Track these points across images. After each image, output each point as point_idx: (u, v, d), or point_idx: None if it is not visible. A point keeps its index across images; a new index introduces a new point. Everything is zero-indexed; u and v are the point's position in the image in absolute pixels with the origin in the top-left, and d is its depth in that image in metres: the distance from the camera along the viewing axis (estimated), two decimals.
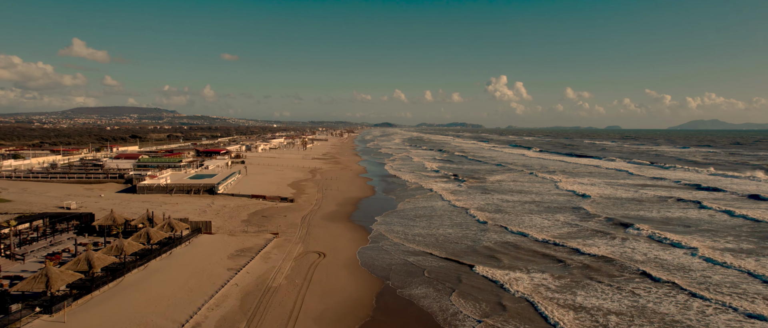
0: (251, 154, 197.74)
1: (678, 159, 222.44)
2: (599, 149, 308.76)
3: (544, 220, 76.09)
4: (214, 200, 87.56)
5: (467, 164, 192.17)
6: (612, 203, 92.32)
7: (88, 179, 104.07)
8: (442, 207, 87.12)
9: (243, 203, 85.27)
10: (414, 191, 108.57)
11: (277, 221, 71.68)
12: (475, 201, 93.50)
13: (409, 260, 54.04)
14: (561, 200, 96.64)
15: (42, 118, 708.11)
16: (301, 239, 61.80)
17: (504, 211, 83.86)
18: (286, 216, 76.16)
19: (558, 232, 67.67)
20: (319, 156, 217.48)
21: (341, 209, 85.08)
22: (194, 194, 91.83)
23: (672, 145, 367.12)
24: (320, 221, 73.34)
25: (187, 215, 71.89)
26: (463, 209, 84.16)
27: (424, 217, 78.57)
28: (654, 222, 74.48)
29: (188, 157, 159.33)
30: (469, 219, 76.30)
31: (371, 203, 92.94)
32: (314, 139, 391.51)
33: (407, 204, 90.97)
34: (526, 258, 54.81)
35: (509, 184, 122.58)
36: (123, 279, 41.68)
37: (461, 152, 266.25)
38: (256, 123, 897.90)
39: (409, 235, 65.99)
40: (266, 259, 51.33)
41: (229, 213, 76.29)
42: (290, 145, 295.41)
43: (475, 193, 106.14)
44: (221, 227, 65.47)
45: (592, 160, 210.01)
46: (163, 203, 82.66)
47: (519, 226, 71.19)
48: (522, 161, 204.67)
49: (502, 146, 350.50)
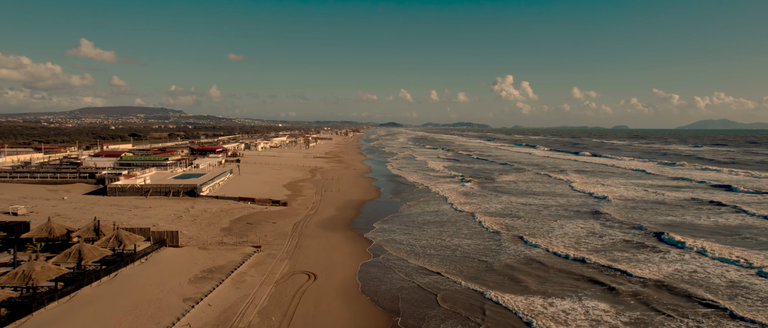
0: (250, 152, 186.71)
1: (697, 158, 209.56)
2: (609, 148, 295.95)
3: (565, 228, 64.62)
4: (195, 202, 76.34)
5: (475, 163, 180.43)
6: (637, 207, 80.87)
7: (54, 178, 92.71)
8: (450, 213, 75.84)
9: (228, 207, 74.05)
10: (420, 193, 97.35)
11: (263, 230, 60.42)
12: (485, 205, 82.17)
13: (420, 282, 42.73)
14: (578, 203, 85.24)
15: (49, 118, 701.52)
16: (289, 253, 50.53)
17: (518, 216, 72.64)
18: (276, 223, 64.93)
19: (586, 244, 56.15)
20: (322, 155, 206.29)
21: (341, 214, 73.90)
22: (173, 195, 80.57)
23: (684, 145, 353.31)
24: (315, 230, 62.08)
25: (159, 222, 60.83)
26: (473, 215, 72.75)
27: (432, 223, 67.46)
28: (694, 230, 63.04)
29: (181, 155, 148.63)
30: (481, 228, 64.93)
31: (376, 206, 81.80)
32: (318, 138, 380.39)
33: (413, 208, 79.80)
34: (559, 281, 43.33)
35: (520, 185, 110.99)
36: (28, 320, 30.30)
37: (468, 151, 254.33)
38: (262, 123, 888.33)
39: (416, 247, 54.79)
40: (239, 283, 40.06)
41: (209, 219, 65.05)
42: (293, 143, 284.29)
43: (484, 195, 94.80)
44: (194, 238, 54.25)
45: (604, 160, 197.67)
46: (135, 206, 71.54)
47: (538, 236, 59.82)
48: (531, 160, 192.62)
49: (509, 145, 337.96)
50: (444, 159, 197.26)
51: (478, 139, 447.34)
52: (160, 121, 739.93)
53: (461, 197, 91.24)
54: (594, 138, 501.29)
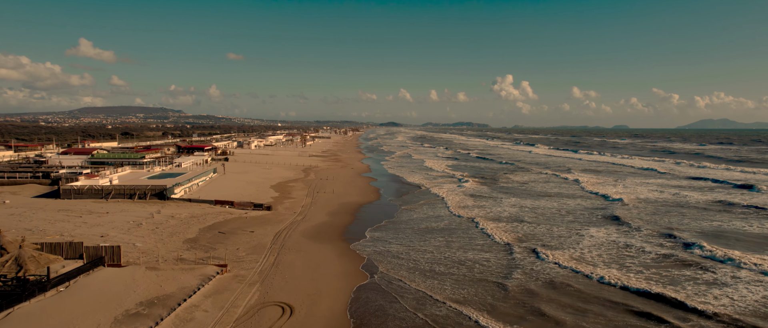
0: (242, 150, 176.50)
1: (706, 156, 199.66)
2: (613, 147, 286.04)
3: (585, 238, 54.61)
4: (164, 206, 66.02)
5: (477, 162, 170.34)
6: (658, 210, 71.09)
7: (1, 178, 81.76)
8: (453, 219, 65.83)
9: (201, 212, 63.81)
10: (421, 195, 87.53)
11: (236, 241, 50.29)
12: (490, 209, 72.22)
13: (426, 316, 32.65)
14: (592, 206, 75.44)
15: (48, 117, 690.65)
16: (263, 274, 40.44)
17: (528, 223, 62.72)
18: (254, 232, 54.84)
19: (615, 260, 46.10)
20: (318, 153, 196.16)
21: (333, 220, 63.82)
22: (139, 198, 70.11)
23: (688, 143, 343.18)
24: (300, 241, 51.95)
25: (110, 231, 50.76)
26: (476, 223, 62.53)
27: (433, 232, 57.69)
28: (737, 241, 52.96)
29: (166, 153, 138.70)
30: (489, 239, 54.55)
31: (374, 211, 71.75)
32: (316, 136, 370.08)
33: (414, 213, 69.99)
34: (601, 315, 33.33)
35: (526, 186, 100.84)
36: None
37: (470, 150, 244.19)
38: (262, 123, 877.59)
39: (420, 263, 45.05)
40: (184, 323, 29.96)
41: (173, 227, 54.82)
42: (289, 142, 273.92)
43: (488, 197, 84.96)
44: (147, 253, 44.04)
45: (609, 158, 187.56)
46: (88, 212, 61.15)
47: (557, 248, 49.79)
48: (534, 159, 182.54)
49: (510, 144, 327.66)
50: (445, 158, 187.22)
51: (479, 139, 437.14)
52: (158, 120, 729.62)
53: (464, 200, 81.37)
54: (595, 137, 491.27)
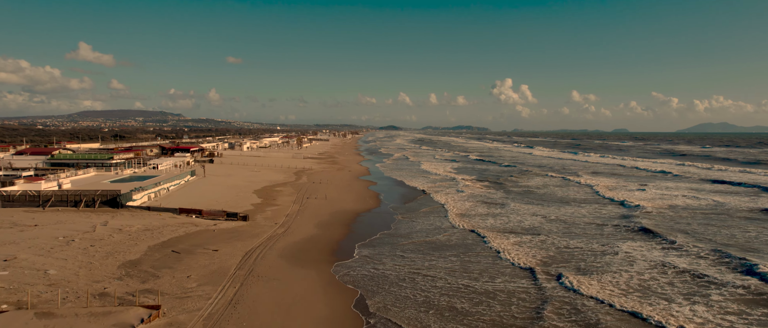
0: (232, 152, 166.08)
1: (717, 158, 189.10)
2: (618, 149, 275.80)
3: (617, 256, 44.38)
4: (114, 216, 55.26)
5: (479, 164, 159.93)
6: (692, 220, 61.32)
7: None
8: (459, 234, 55.95)
9: (159, 223, 53.09)
10: (424, 203, 77.51)
11: (191, 265, 39.41)
12: (501, 220, 62.09)
13: None
14: (613, 215, 65.55)
15: (46, 121, 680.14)
16: (211, 321, 29.33)
17: (545, 236, 52.66)
18: (218, 251, 43.98)
19: (669, 294, 35.66)
20: (314, 155, 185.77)
21: (322, 233, 52.77)
22: (86, 206, 59.06)
23: (692, 145, 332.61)
24: (276, 264, 40.87)
25: (21, 253, 40.15)
26: (490, 237, 52.14)
27: (438, 249, 47.93)
28: None
29: (150, 154, 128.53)
30: (503, 261, 43.75)
31: (372, 220, 61.10)
32: (314, 139, 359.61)
33: (415, 223, 60.15)
34: None
35: (536, 191, 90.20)
36: None
37: (471, 153, 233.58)
38: (261, 126, 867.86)
39: (428, 296, 34.44)
40: None
41: (114, 246, 44.01)
42: (285, 144, 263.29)
43: (497, 204, 75.07)
44: (58, 284, 33.18)
45: (617, 160, 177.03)
46: (13, 224, 50.27)
47: (589, 274, 39.21)
48: (539, 161, 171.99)
49: (511, 146, 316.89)
50: (447, 161, 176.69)
51: (479, 142, 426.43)
52: (157, 124, 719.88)
53: (469, 207, 71.30)
54: (596, 140, 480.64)
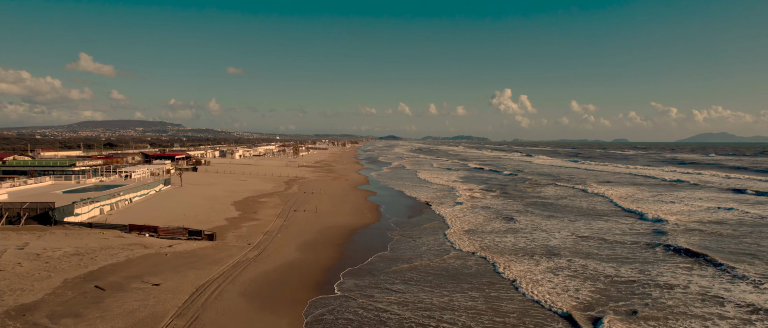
0: (223, 160, 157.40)
1: (732, 167, 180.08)
2: (622, 158, 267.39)
3: (673, 292, 34.83)
4: (41, 236, 44.94)
5: (483, 173, 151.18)
6: (734, 239, 51.30)
7: None
8: (470, 261, 46.78)
9: (97, 245, 43.25)
10: (427, 217, 68.64)
11: (112, 310, 28.65)
12: (514, 239, 52.67)
13: None
14: (641, 231, 56.13)
15: (46, 131, 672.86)
16: None
17: (567, 259, 43.33)
18: (160, 285, 32.99)
19: None
20: (310, 164, 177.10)
21: (304, 257, 42.09)
22: (7, 223, 48.05)
23: (696, 154, 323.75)
24: (233, 306, 30.13)
25: None
26: (504, 265, 43.37)
27: (452, 279, 39.48)
28: None
29: (132, 161, 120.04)
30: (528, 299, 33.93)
31: (368, 239, 50.76)
32: (312, 147, 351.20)
33: (421, 243, 50.98)
34: None
35: (548, 203, 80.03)
36: None
37: (475, 161, 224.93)
38: (261, 136, 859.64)
39: None
40: None
41: (9, 282, 33.20)
42: (281, 152, 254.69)
43: (507, 219, 65.89)
44: None
45: (623, 168, 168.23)
46: None
47: (648, 320, 29.76)
48: (545, 170, 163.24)
49: (513, 154, 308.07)
50: (448, 170, 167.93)
51: (480, 151, 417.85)
52: (157, 134, 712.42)
53: (477, 223, 62.36)
54: (597, 149, 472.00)
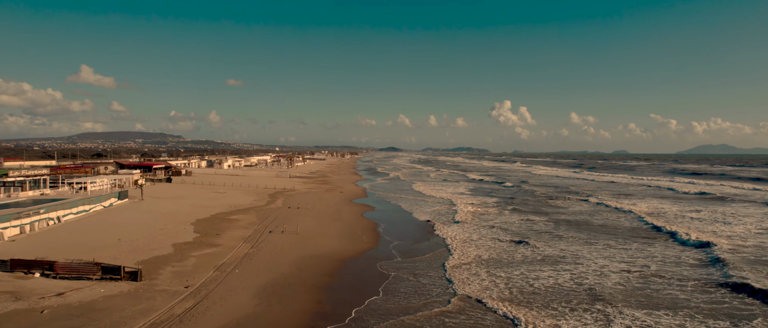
0: (208, 170, 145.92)
1: (752, 179, 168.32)
2: (630, 169, 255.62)
3: None
4: None
5: (487, 186, 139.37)
6: None
7: None
8: (488, 319, 34.95)
9: None
10: (432, 245, 57.14)
11: None
12: (538, 278, 40.89)
13: None
14: (681, 259, 44.17)
15: (45, 143, 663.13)
16: None
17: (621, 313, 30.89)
18: None
19: None
20: (304, 174, 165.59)
21: (263, 311, 27.27)
22: None
23: (702, 165, 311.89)
24: None
25: None
26: (538, 319, 31.56)
27: None
28: None
29: (105, 172, 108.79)
30: None
31: (360, 273, 37.74)
32: (310, 158, 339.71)
33: (425, 282, 39.26)
34: None
35: (568, 219, 67.78)
36: None
37: (473, 172, 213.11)
38: (261, 147, 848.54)
39: None
40: None
41: None
42: (276, 162, 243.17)
43: (527, 244, 54.12)
44: None
45: (633, 179, 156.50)
46: None
47: None
48: (552, 182, 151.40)
49: (515, 165, 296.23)
50: (452, 182, 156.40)
51: (480, 161, 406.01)
52: (157, 145, 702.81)
53: (493, 253, 50.60)
54: (600, 160, 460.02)
